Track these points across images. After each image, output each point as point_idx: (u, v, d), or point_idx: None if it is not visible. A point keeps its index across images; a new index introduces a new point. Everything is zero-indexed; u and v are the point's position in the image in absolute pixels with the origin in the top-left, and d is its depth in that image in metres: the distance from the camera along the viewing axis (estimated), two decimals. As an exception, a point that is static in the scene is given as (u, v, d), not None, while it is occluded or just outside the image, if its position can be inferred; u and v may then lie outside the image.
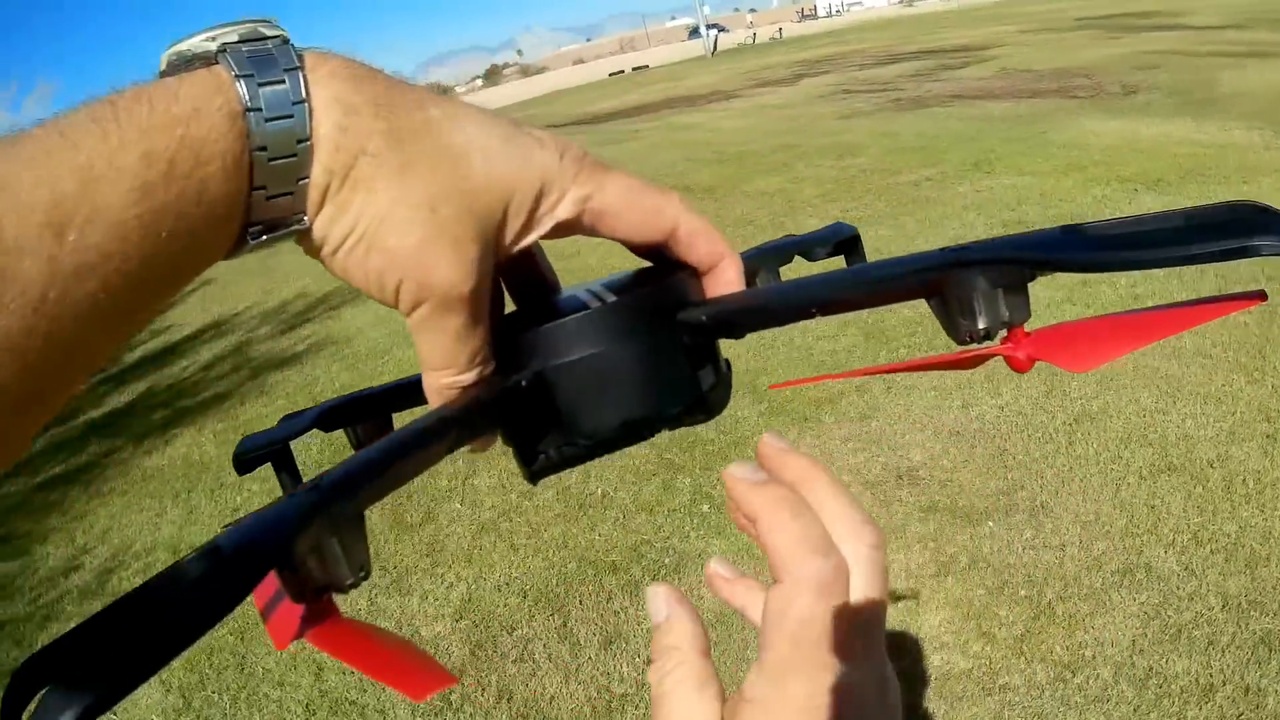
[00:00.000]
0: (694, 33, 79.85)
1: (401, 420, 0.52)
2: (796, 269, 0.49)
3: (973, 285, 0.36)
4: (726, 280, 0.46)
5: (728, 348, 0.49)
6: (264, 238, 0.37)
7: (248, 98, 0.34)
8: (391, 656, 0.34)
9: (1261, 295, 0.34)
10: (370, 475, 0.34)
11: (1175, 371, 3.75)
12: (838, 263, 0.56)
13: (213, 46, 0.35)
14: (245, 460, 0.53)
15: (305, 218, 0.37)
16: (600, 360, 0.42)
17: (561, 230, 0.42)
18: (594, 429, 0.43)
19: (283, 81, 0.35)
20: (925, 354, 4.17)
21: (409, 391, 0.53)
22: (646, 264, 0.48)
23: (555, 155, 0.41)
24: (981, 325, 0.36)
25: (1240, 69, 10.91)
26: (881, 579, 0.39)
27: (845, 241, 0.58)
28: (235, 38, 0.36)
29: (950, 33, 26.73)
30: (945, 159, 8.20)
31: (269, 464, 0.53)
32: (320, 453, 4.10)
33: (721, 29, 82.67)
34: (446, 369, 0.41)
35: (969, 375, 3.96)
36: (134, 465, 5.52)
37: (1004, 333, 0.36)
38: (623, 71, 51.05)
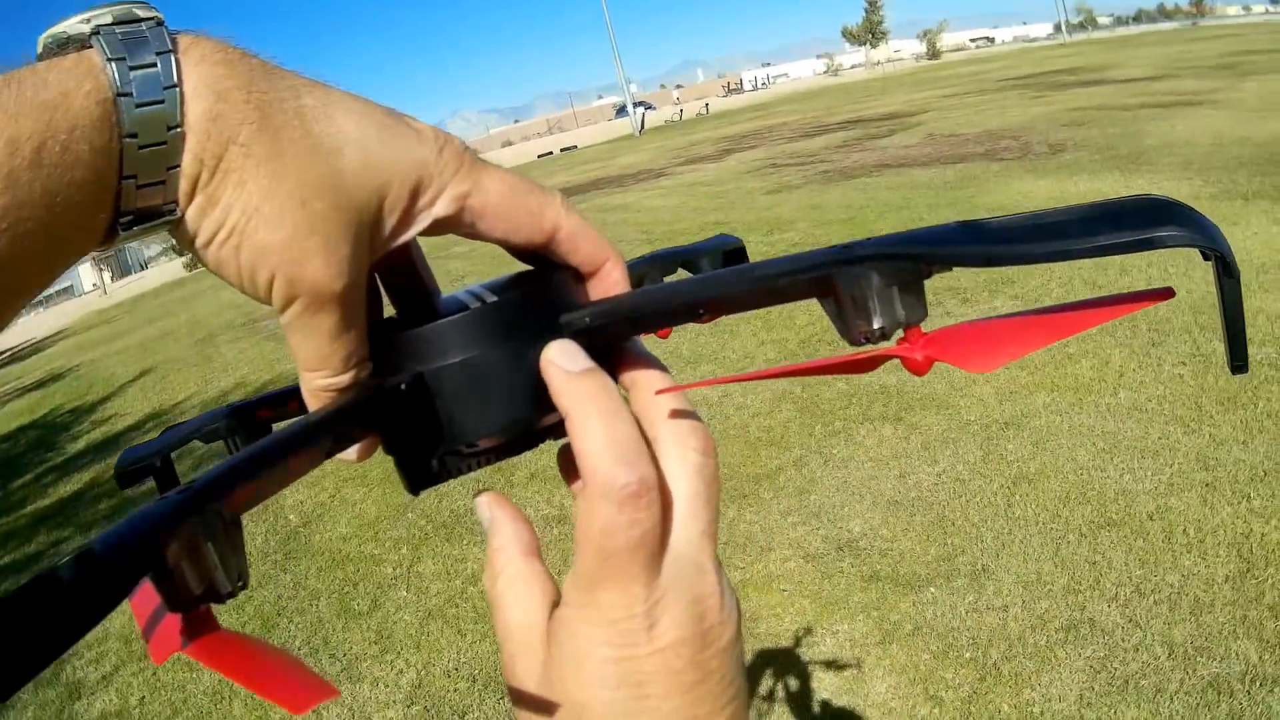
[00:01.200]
0: (621, 111, 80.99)
1: None
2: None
3: (866, 282, 0.34)
4: (612, 282, 0.44)
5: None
6: (135, 228, 0.35)
7: (118, 82, 0.33)
8: (273, 669, 0.32)
9: (1169, 292, 0.34)
10: (242, 477, 0.33)
11: (1112, 428, 3.77)
12: None
13: (86, 28, 0.34)
14: (127, 473, 0.50)
15: (177, 208, 0.35)
16: (481, 363, 0.40)
17: (439, 228, 0.40)
18: (477, 435, 0.41)
19: (154, 65, 0.33)
20: (859, 424, 4.18)
21: (284, 399, 0.52)
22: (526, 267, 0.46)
23: (434, 149, 0.39)
24: (876, 325, 0.34)
25: (1167, 120, 11.27)
26: (709, 487, 0.38)
27: (731, 253, 0.56)
28: (109, 19, 0.34)
29: (876, 101, 27.42)
30: (874, 229, 8.18)
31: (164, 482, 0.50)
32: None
33: (648, 106, 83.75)
34: (321, 370, 0.39)
35: (905, 445, 3.98)
36: (83, 555, 5.44)
37: (900, 333, 0.35)
38: (551, 153, 51.68)
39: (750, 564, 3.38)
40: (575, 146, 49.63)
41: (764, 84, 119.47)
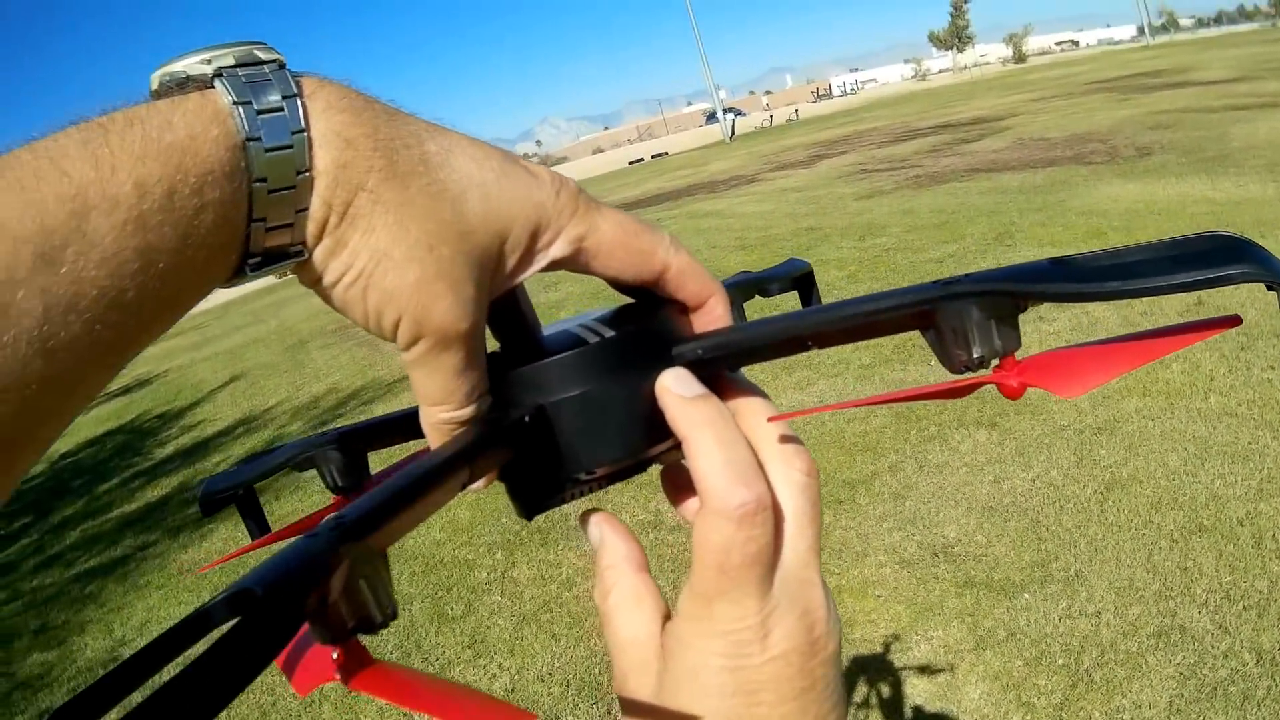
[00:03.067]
0: (711, 117, 79.86)
1: (374, 461, 0.55)
2: (755, 307, 0.53)
3: (967, 316, 0.37)
4: (715, 316, 0.46)
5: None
6: (264, 269, 0.36)
7: (246, 126, 0.33)
8: (447, 697, 0.32)
9: (1236, 320, 0.36)
10: (391, 511, 0.34)
11: (1202, 433, 3.79)
12: (792, 299, 0.58)
13: (208, 69, 0.35)
14: (211, 501, 0.53)
15: (305, 249, 0.37)
16: (600, 395, 0.42)
17: (554, 266, 0.42)
18: (594, 463, 0.43)
19: (281, 109, 0.34)
20: (954, 429, 4.22)
21: (380, 431, 0.54)
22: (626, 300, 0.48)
23: (551, 192, 0.40)
24: (976, 354, 0.37)
25: (1251, 122, 11.02)
26: (813, 506, 0.40)
27: (800, 277, 0.60)
28: (231, 61, 0.35)
29: (964, 105, 26.87)
30: (966, 234, 8.26)
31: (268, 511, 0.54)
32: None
33: (738, 113, 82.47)
34: (444, 404, 0.41)
35: (999, 451, 4.01)
36: (170, 559, 5.57)
37: (996, 362, 0.37)
38: (643, 159, 51.04)
39: (845, 569, 3.45)
40: (666, 153, 48.97)
41: (853, 89, 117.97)
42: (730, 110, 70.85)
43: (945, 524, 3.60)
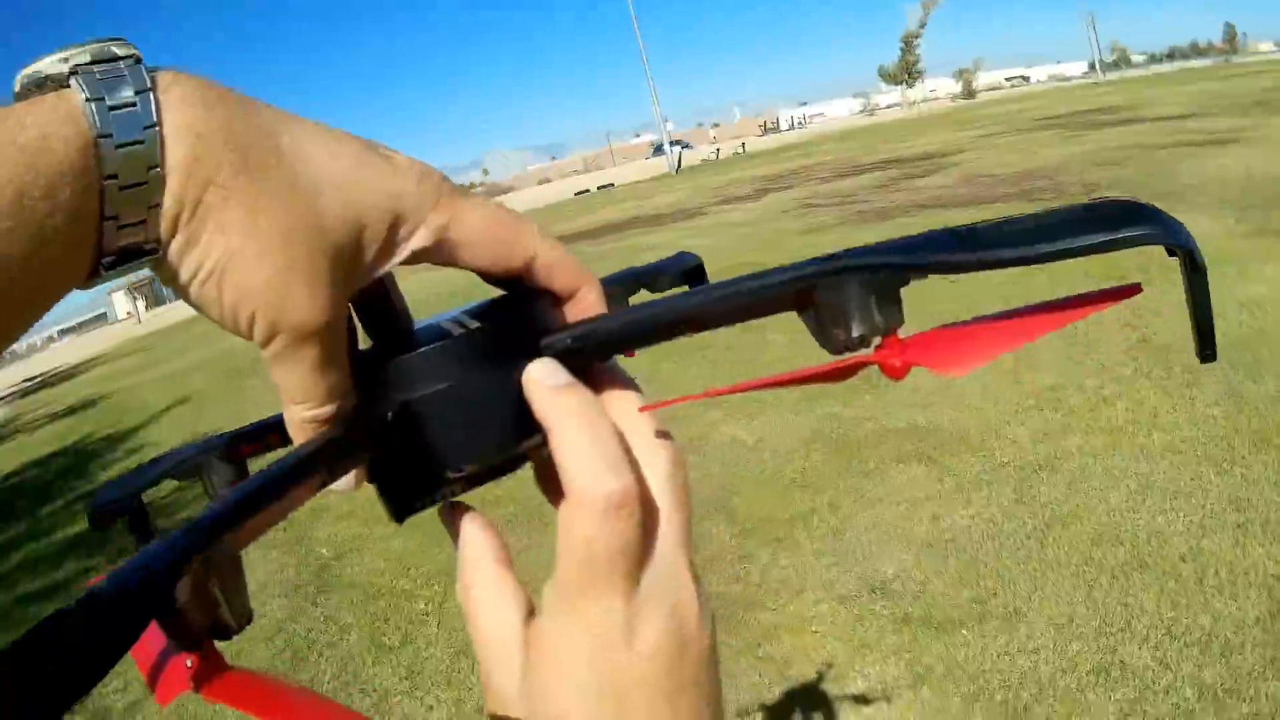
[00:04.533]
0: (658, 150, 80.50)
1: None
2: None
3: (845, 293, 0.36)
4: (587, 304, 0.45)
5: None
6: (118, 268, 0.35)
7: (98, 123, 0.32)
8: (298, 706, 0.32)
9: (1137, 288, 0.35)
10: (243, 513, 0.32)
11: (1144, 469, 3.77)
12: None
13: (64, 68, 0.34)
14: (100, 516, 0.52)
15: (159, 246, 0.35)
16: (466, 388, 0.40)
17: (417, 258, 0.41)
18: (464, 460, 0.41)
19: (134, 105, 0.33)
20: (893, 463, 4.18)
21: (258, 435, 0.52)
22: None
23: (411, 182, 0.39)
24: (856, 333, 0.36)
25: (1200, 158, 11.22)
26: (682, 495, 0.39)
27: (690, 271, 0.58)
28: (87, 58, 0.34)
29: (912, 140, 27.34)
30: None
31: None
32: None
33: (685, 145, 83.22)
34: (306, 402, 0.39)
35: (939, 487, 3.99)
36: (113, 582, 5.47)
37: (878, 340, 0.36)
38: (588, 190, 51.51)
39: (783, 605, 3.39)
40: (613, 184, 49.50)
41: (801, 123, 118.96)
42: (677, 143, 71.57)
43: (883, 560, 3.55)
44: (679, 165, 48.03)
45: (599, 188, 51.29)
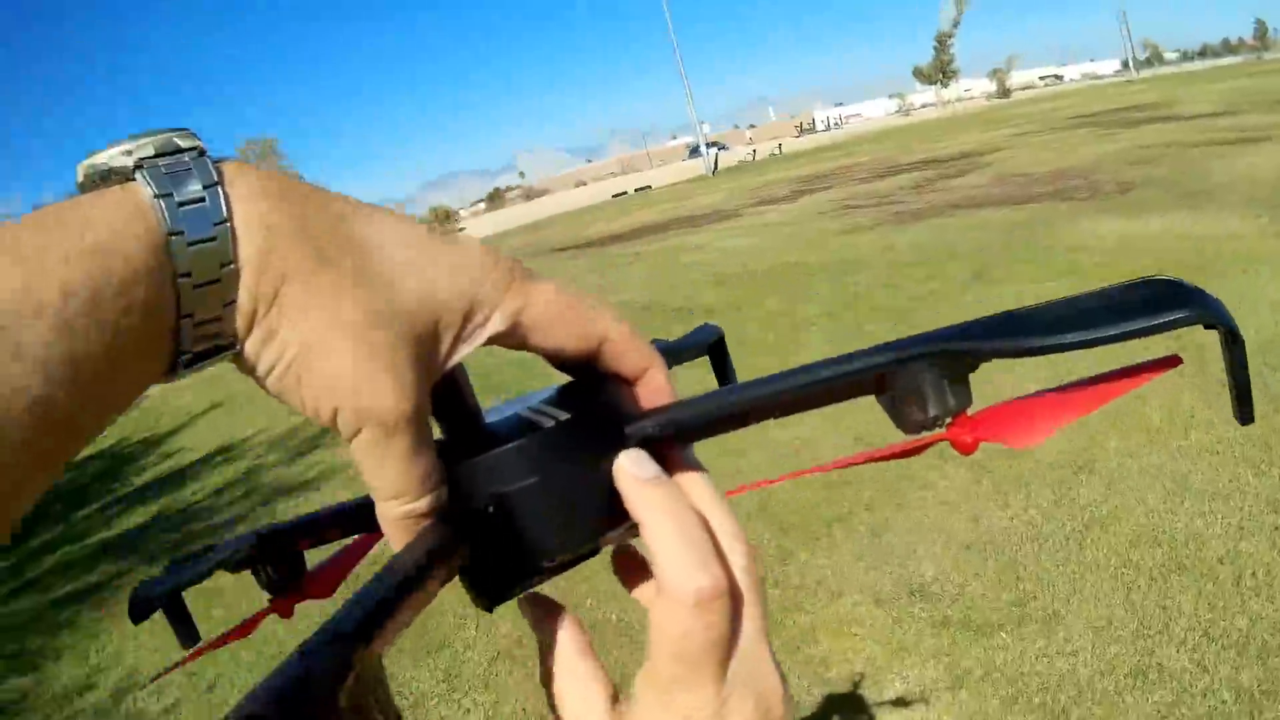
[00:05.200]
0: (694, 151, 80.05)
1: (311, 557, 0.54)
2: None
3: (920, 379, 0.37)
4: (655, 385, 0.44)
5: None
6: (196, 365, 0.35)
7: (169, 220, 0.32)
8: None
9: (1176, 360, 0.38)
10: (388, 613, 0.32)
11: (1182, 470, 3.77)
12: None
13: (129, 161, 0.33)
14: (139, 606, 0.52)
15: (236, 341, 0.35)
16: (561, 480, 0.40)
17: (491, 343, 0.41)
18: (556, 550, 0.41)
19: (203, 199, 0.33)
20: (932, 465, 4.19)
21: (312, 528, 0.53)
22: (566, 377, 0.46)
23: (484, 268, 0.39)
24: (931, 414, 0.37)
25: (1232, 157, 11.17)
26: (759, 585, 0.40)
27: (713, 345, 0.62)
28: (151, 150, 0.34)
29: (948, 140, 27.15)
30: (946, 271, 8.29)
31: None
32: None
33: (722, 147, 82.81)
34: (400, 496, 0.38)
35: (977, 489, 3.99)
36: (146, 588, 5.51)
37: (949, 419, 0.38)
38: (626, 193, 51.33)
39: (821, 608, 3.41)
40: (649, 187, 49.30)
41: (837, 124, 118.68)
42: (714, 144, 71.33)
43: (922, 562, 3.56)
44: (715, 167, 47.91)
45: (636, 190, 51.20)
